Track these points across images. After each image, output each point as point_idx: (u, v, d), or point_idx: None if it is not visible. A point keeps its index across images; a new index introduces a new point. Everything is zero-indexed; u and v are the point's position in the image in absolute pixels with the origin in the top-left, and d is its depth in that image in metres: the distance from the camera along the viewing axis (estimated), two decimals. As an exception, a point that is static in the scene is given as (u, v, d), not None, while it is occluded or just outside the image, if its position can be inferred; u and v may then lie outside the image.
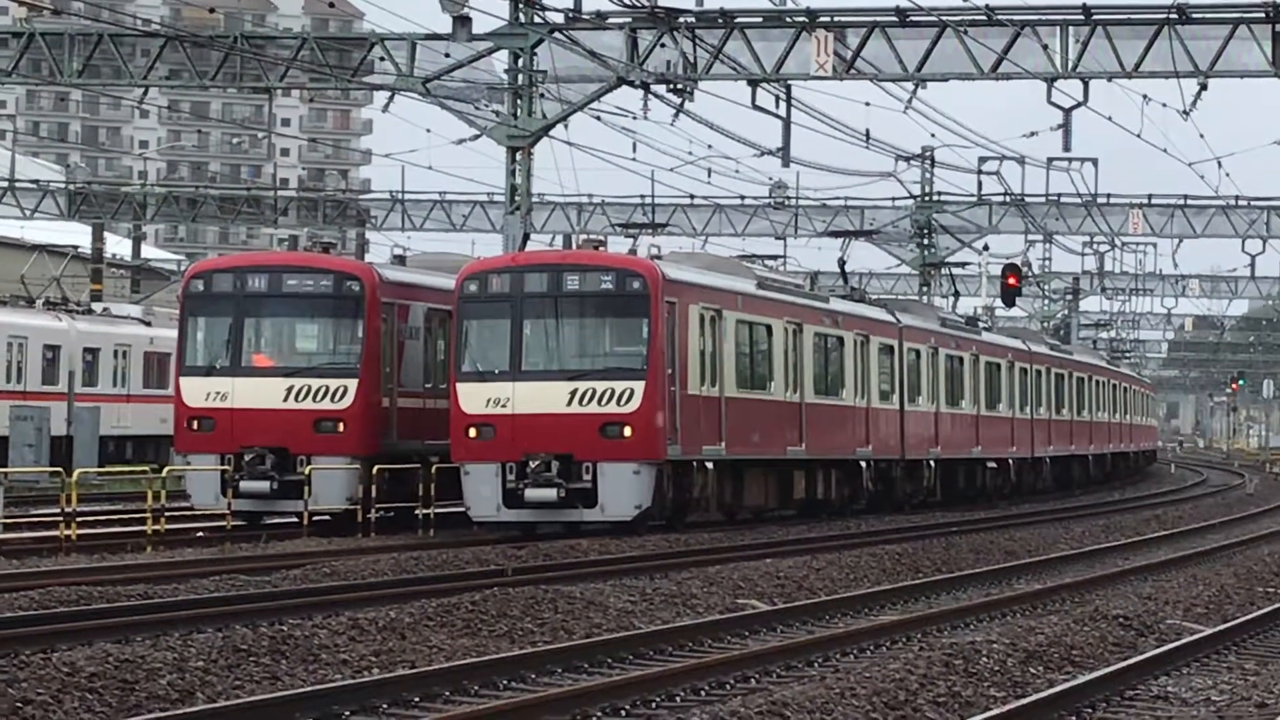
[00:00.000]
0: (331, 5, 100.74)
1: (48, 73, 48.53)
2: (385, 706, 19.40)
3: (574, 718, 18.90)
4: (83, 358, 72.87)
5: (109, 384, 73.94)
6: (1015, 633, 26.03)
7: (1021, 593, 32.66)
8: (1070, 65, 48.03)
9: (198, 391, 43.50)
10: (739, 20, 46.62)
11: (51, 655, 20.83)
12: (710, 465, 43.66)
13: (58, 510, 40.19)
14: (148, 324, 77.62)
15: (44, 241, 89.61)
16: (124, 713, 18.89)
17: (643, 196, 77.86)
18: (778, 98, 48.61)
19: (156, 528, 40.30)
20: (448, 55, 46.46)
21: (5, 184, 79.01)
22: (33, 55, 47.88)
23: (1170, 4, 47.02)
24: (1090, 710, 20.24)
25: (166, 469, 46.43)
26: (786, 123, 48.94)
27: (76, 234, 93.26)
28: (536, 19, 45.22)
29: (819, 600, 30.43)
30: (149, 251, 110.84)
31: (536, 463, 40.56)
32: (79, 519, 39.58)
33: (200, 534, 42.34)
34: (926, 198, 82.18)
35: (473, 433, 41.37)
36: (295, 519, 43.07)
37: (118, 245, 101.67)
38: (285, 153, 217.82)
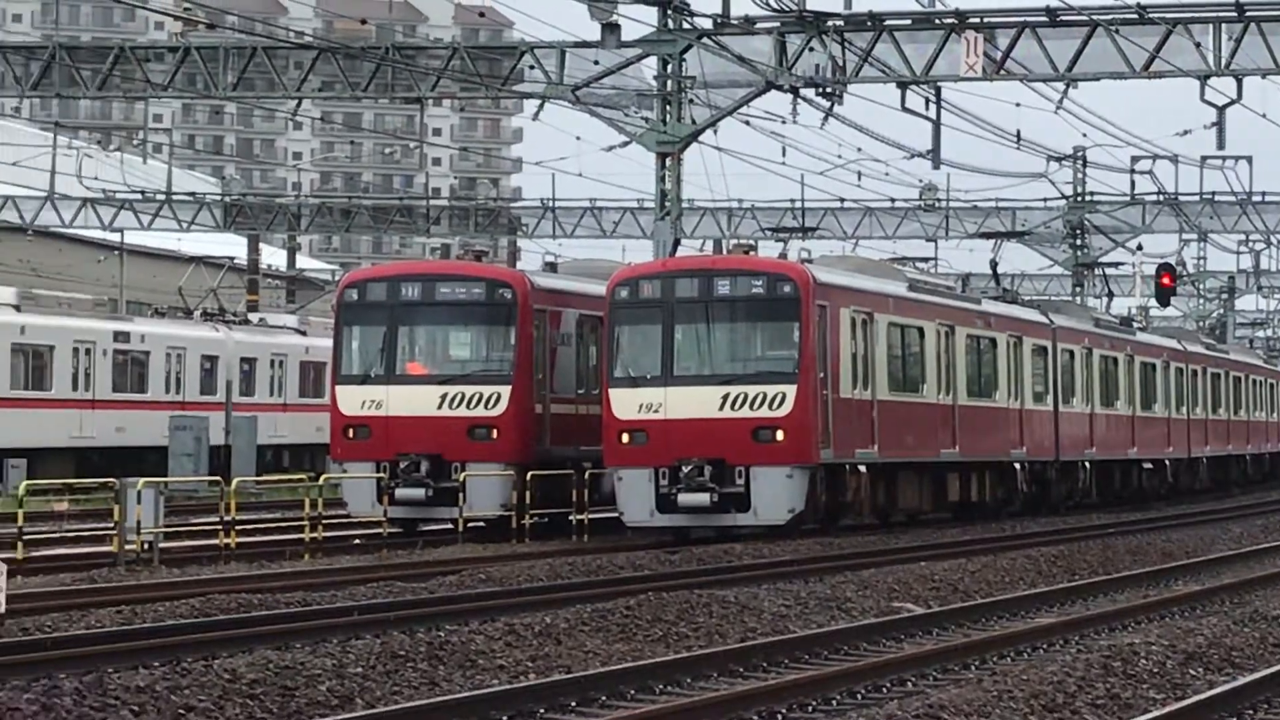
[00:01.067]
0: (482, 15, 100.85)
1: (203, 86, 48.94)
2: (542, 711, 19.44)
3: (729, 721, 18.92)
4: (240, 368, 73.40)
5: (266, 393, 74.44)
6: (1174, 634, 25.82)
7: (1180, 594, 32.39)
8: (1223, 63, 47.59)
9: (353, 400, 43.73)
10: (888, 23, 46.40)
11: (213, 662, 21.03)
12: (863, 468, 43.52)
13: (217, 519, 40.53)
14: (303, 333, 78.11)
15: (201, 253, 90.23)
16: (285, 718, 19.04)
17: (792, 200, 77.82)
18: (927, 100, 48.38)
19: (314, 535, 40.50)
20: (597, 63, 46.54)
21: (162, 197, 79.61)
22: (188, 70, 48.26)
23: (1328, -2, 46.59)
24: (1251, 712, 20.06)
25: (323, 477, 46.68)
26: (936, 124, 48.76)
27: (232, 245, 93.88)
28: (685, 25, 45.20)
29: (975, 603, 30.29)
30: (303, 262, 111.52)
31: (689, 468, 40.53)
32: (238, 527, 39.86)
33: (357, 541, 42.59)
34: (1079, 198, 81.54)
35: (625, 438, 41.38)
36: (450, 525, 43.20)
37: (273, 256, 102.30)
38: (437, 162, 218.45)
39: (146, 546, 35.92)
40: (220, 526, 40.07)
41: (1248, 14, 47.16)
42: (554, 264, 52.63)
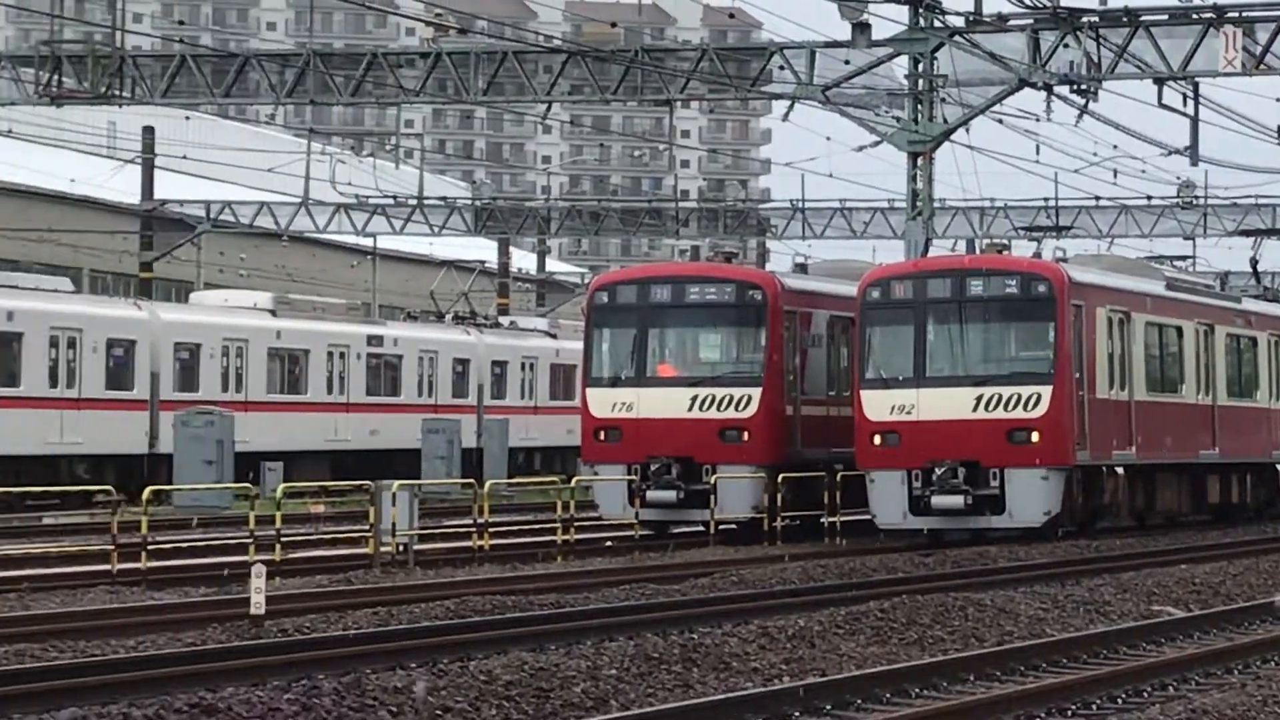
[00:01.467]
0: (731, 16, 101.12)
1: (453, 91, 49.26)
2: (797, 715, 19.39)
3: (988, 726, 18.78)
4: (491, 370, 73.96)
5: (516, 396, 74.94)
6: None
7: None
8: None
9: (604, 402, 43.87)
10: (1144, 18, 45.76)
11: (469, 663, 21.15)
12: (1120, 470, 43.14)
13: (470, 521, 40.79)
14: (553, 336, 78.57)
15: (452, 257, 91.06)
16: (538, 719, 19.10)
17: (1046, 199, 77.27)
18: (1185, 95, 47.73)
19: (566, 537, 40.69)
20: (847, 62, 46.49)
21: (414, 202, 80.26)
22: (439, 75, 48.62)
23: None
24: None
25: (575, 479, 46.90)
26: (1194, 121, 48.20)
27: (483, 249, 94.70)
28: (936, 23, 45.05)
29: (1237, 606, 29.92)
30: (553, 265, 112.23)
31: (942, 470, 40.36)
32: (491, 529, 40.13)
33: (609, 544, 42.69)
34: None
35: (877, 440, 41.26)
36: (701, 528, 43.27)
37: (523, 259, 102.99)
38: (685, 164, 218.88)
39: (401, 548, 36.23)
40: (473, 529, 40.37)
41: None
42: (804, 265, 52.60)
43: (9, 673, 19.87)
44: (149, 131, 76.33)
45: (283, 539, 36.52)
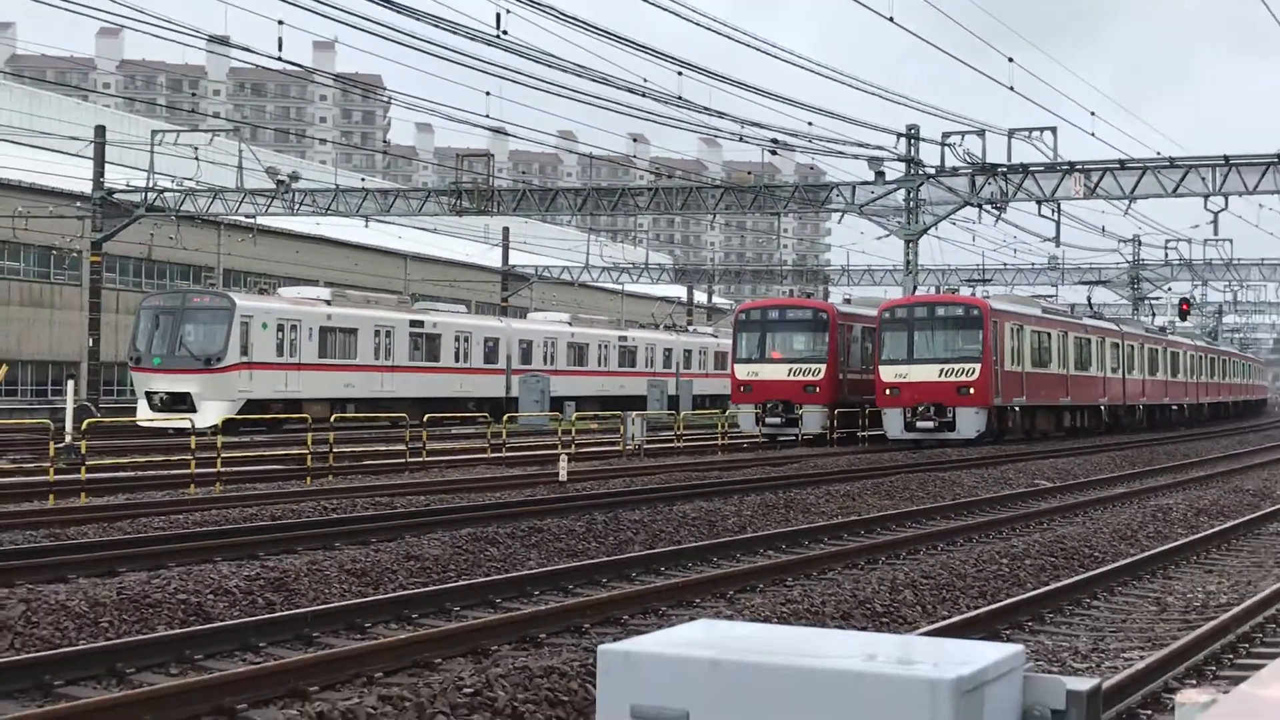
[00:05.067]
0: (811, 168, 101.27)
1: (664, 207, 49.44)
2: (845, 535, 19.42)
3: None
4: (683, 355, 74.26)
5: (697, 367, 75.17)
6: (1190, 499, 25.11)
7: (1194, 477, 31.28)
8: None
9: (743, 371, 43.91)
10: (1031, 169, 43.19)
11: (671, 507, 21.22)
12: (1018, 408, 42.84)
13: (673, 432, 40.79)
14: (715, 337, 78.62)
15: (662, 295, 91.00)
16: (710, 536, 19.23)
17: (977, 265, 76.51)
18: (1052, 210, 44.50)
19: (723, 442, 40.77)
20: (873, 192, 46.22)
21: (643, 266, 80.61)
22: (657, 199, 48.82)
23: None
24: (1235, 540, 19.47)
25: (727, 412, 46.75)
26: (1057, 224, 46.12)
27: (679, 290, 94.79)
28: (920, 171, 44.60)
29: (1080, 481, 29.53)
30: (716, 299, 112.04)
31: (922, 408, 40.20)
32: (683, 437, 40.04)
33: (745, 446, 42.58)
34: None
35: (888, 392, 40.80)
36: (793, 438, 43.18)
37: (700, 296, 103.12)
38: (785, 245, 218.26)
39: (637, 447, 36.51)
40: (675, 436, 40.55)
41: None
42: (849, 299, 52.37)
43: (439, 509, 20.30)
44: (505, 233, 77.31)
45: (575, 441, 36.90)
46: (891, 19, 32.63)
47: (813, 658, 2.27)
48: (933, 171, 44.44)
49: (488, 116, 38.56)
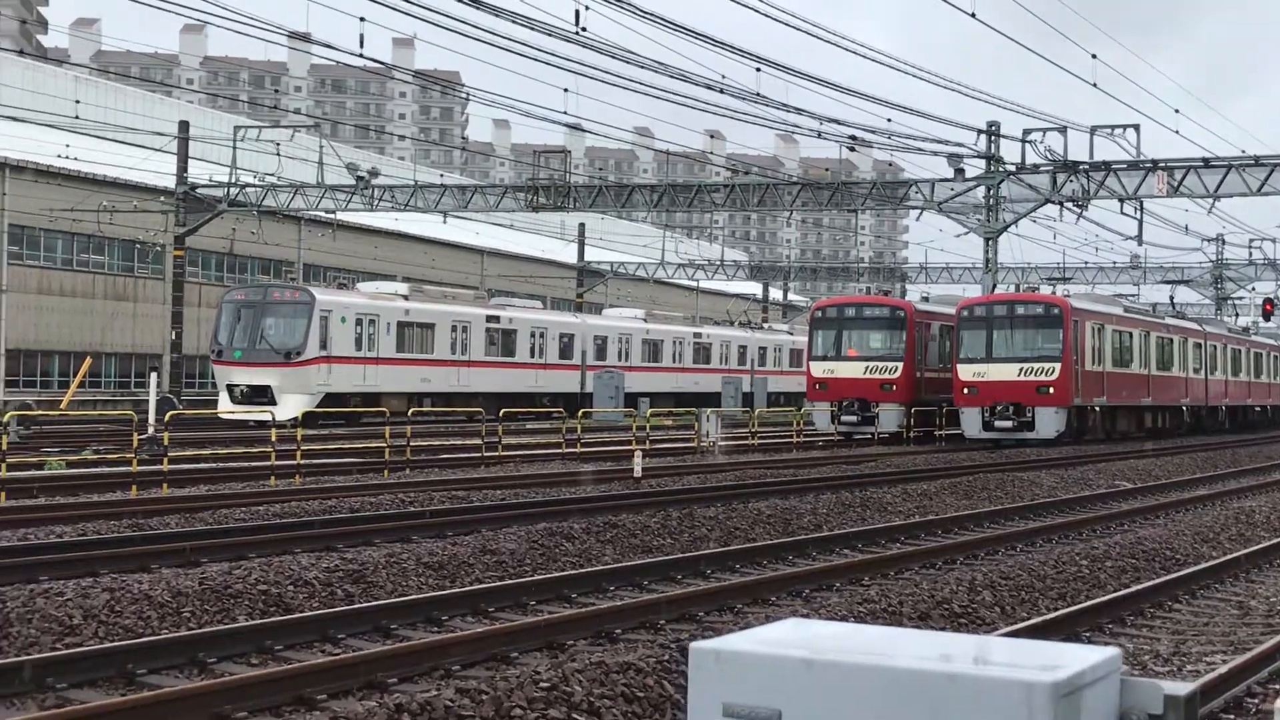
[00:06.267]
0: (890, 164, 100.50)
1: (739, 204, 49.32)
2: (922, 535, 19.26)
3: None
4: (758, 352, 74.05)
5: (772, 365, 74.95)
6: (1274, 501, 24.68)
7: (1278, 479, 30.80)
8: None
9: (819, 369, 43.69)
10: (1114, 167, 42.79)
11: (747, 504, 21.19)
12: (1098, 408, 42.34)
13: (748, 430, 40.75)
14: (791, 334, 78.24)
15: (737, 292, 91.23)
16: (785, 534, 19.15)
17: (1058, 264, 75.79)
18: (1135, 208, 44.41)
19: (797, 440, 40.65)
20: (952, 189, 45.87)
21: (718, 263, 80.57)
22: (733, 196, 48.68)
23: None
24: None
25: (801, 409, 46.59)
26: (1140, 222, 45.89)
27: (754, 288, 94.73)
28: (1001, 169, 44.24)
29: (1161, 482, 29.15)
30: (792, 296, 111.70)
31: (1000, 406, 39.80)
32: (757, 434, 40.02)
33: (820, 444, 42.45)
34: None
35: (966, 391, 40.41)
36: (869, 436, 42.91)
37: (776, 294, 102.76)
38: (863, 243, 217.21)
39: (711, 444, 36.45)
40: (749, 433, 40.47)
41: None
42: (927, 297, 52.00)
43: (515, 503, 20.37)
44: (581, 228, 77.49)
45: (650, 438, 36.89)
46: (974, 15, 32.34)
47: (906, 658, 2.23)
48: (1013, 168, 44.02)
49: (565, 113, 38.64)
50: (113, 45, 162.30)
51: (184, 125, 52.77)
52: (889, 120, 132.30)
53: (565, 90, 38.49)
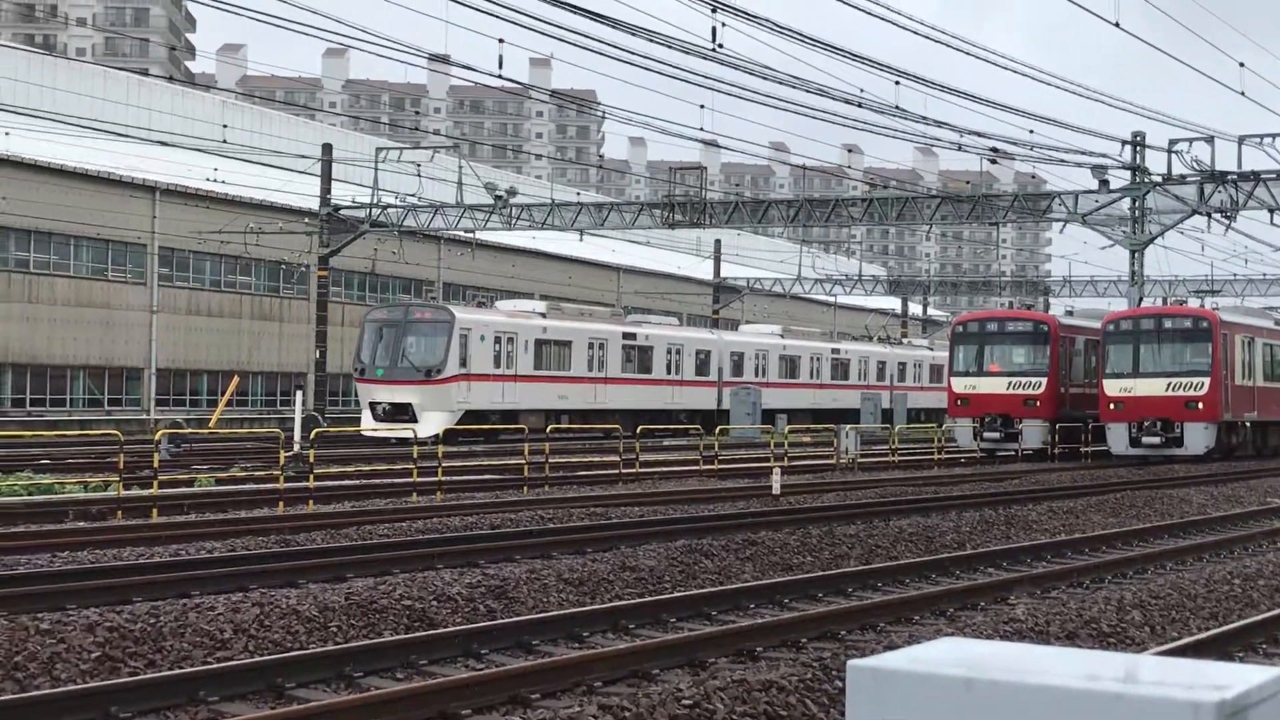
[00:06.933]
0: (1033, 177, 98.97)
1: (878, 218, 48.93)
2: (1068, 553, 18.94)
3: None
4: (897, 367, 73.42)
5: (912, 380, 74.18)
6: None
7: None
8: None
9: (961, 385, 43.03)
10: (1263, 176, 41.62)
11: (889, 522, 21.01)
12: (1248, 424, 41.20)
13: (887, 446, 40.41)
14: (931, 349, 77.51)
15: (876, 307, 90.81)
16: (931, 553, 18.95)
17: (1205, 276, 73.93)
18: None
19: (939, 457, 40.20)
20: (1096, 201, 45.03)
21: (856, 277, 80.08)
22: (871, 210, 48.34)
23: None
24: None
25: (943, 426, 46.06)
26: None
27: (893, 303, 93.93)
28: (1146, 179, 43.34)
29: (1316, 500, 28.34)
30: (931, 311, 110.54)
31: (1147, 423, 39.02)
32: (897, 451, 39.64)
33: (962, 461, 41.98)
34: None
35: (1112, 406, 39.69)
36: (1012, 453, 42.17)
37: (915, 309, 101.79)
38: (1004, 256, 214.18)
39: (850, 461, 36.21)
40: (889, 450, 40.12)
41: None
42: (1071, 311, 51.25)
43: (654, 520, 20.41)
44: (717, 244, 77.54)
45: (788, 454, 36.74)
46: (1118, 24, 31.79)
47: (1068, 677, 2.20)
48: (1159, 179, 43.12)
49: (701, 129, 38.72)
50: (258, 70, 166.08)
51: (327, 148, 53.92)
52: (1031, 131, 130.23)
53: (701, 107, 38.58)
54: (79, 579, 13.73)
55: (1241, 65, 39.12)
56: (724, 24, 27.75)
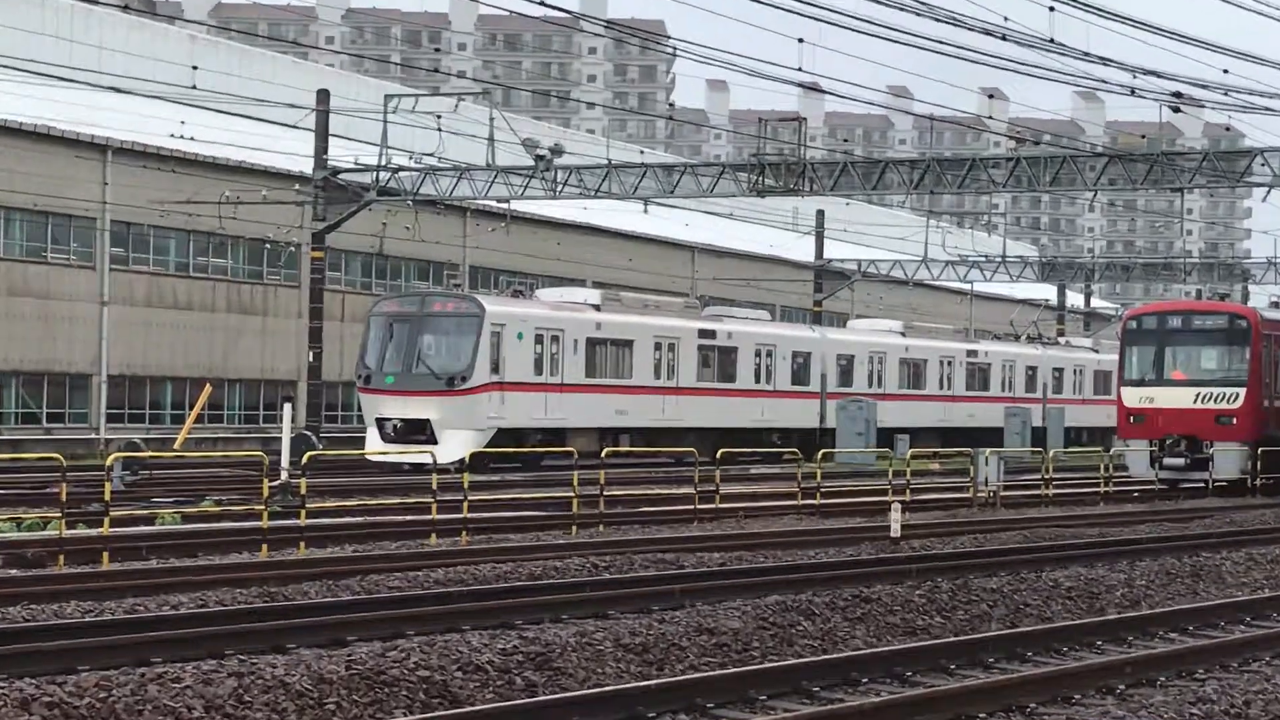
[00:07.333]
0: (1228, 129, 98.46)
1: (1027, 183, 48.63)
2: (1275, 615, 18.83)
3: None
4: (1052, 374, 73.11)
5: (1070, 391, 73.99)
6: None
7: None
8: None
9: (1133, 397, 43.16)
10: None
11: (1040, 574, 20.94)
12: None
13: (1039, 477, 40.34)
14: (1095, 351, 77.22)
15: (1024, 297, 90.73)
16: (1092, 613, 18.87)
17: None
18: None
19: (1106, 490, 40.12)
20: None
21: (999, 259, 79.76)
22: (1019, 173, 48.11)
23: None
24: None
25: (1111, 450, 45.92)
26: None
27: (1047, 291, 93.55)
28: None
29: None
30: (1096, 302, 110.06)
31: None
32: (1053, 482, 39.59)
33: (1136, 494, 41.92)
34: None
35: None
36: (1201, 485, 42.14)
37: (1074, 299, 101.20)
38: (1190, 232, 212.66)
39: (991, 494, 36.05)
40: (1041, 481, 39.95)
41: None
42: (1277, 302, 50.84)
43: (737, 569, 20.42)
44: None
45: (910, 486, 36.63)
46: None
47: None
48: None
49: (799, 70, 38.66)
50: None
51: (323, 94, 54.04)
52: (1225, 72, 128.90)
53: (800, 41, 38.45)
54: (10, 641, 13.86)
55: None
56: (829, -66, 27.69)
